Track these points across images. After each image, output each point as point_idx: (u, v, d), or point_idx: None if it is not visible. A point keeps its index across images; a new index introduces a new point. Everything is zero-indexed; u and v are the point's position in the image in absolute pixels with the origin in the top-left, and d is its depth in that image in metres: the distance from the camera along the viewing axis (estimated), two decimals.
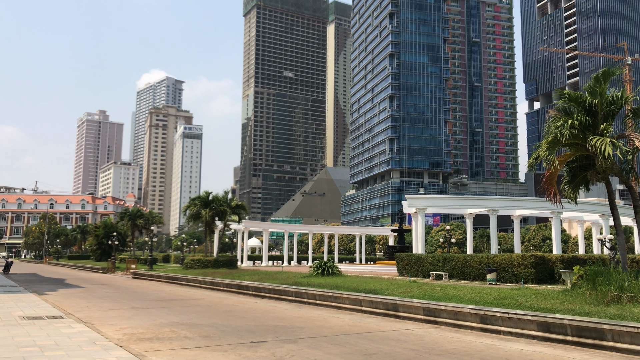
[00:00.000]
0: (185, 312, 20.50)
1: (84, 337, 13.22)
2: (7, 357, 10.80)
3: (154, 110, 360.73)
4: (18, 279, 42.42)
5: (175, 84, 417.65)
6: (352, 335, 15.01)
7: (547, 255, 31.89)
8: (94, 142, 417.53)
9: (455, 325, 16.59)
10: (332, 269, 32.00)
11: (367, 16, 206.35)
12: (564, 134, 19.81)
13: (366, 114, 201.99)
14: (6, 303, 21.93)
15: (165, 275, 43.52)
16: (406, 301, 18.64)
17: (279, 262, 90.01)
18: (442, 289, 22.01)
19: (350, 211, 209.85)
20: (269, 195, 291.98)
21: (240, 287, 30.49)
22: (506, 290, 21.00)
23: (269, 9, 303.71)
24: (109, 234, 79.83)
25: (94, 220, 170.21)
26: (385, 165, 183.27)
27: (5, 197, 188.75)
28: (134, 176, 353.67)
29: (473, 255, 35.18)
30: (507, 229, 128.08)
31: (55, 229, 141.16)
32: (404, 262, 38.24)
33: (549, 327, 13.99)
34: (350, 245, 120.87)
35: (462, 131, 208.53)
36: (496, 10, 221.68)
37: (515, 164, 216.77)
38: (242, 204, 59.16)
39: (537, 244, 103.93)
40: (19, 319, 16.82)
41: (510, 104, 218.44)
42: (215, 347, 12.88)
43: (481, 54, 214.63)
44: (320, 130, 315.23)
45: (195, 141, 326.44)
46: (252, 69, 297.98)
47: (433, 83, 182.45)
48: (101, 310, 21.29)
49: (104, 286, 37.14)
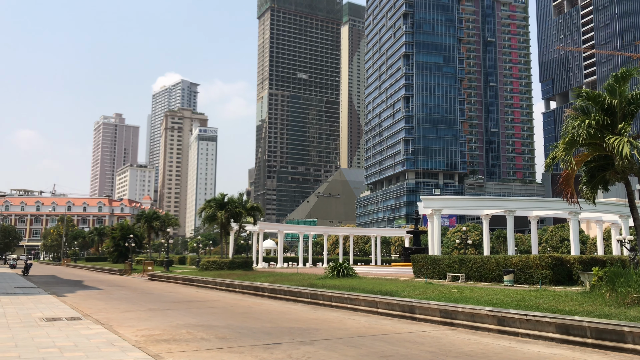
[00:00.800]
0: (202, 314, 20.60)
1: (102, 339, 13.35)
2: (28, 357, 10.93)
3: (170, 113, 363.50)
4: (37, 281, 42.97)
5: (190, 86, 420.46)
6: (368, 337, 14.97)
7: (565, 257, 31.51)
8: (110, 145, 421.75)
9: (472, 327, 16.47)
10: (347, 270, 31.91)
11: (381, 17, 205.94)
12: (581, 134, 19.57)
13: (381, 114, 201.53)
14: (26, 304, 22.23)
15: (182, 277, 43.78)
16: (422, 303, 18.54)
17: (294, 264, 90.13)
18: (458, 291, 21.86)
19: (365, 212, 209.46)
20: (284, 197, 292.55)
21: (256, 288, 30.56)
22: (524, 292, 20.79)
23: (282, 11, 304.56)
24: (126, 236, 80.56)
25: (111, 222, 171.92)
26: (400, 166, 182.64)
27: (24, 199, 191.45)
28: (150, 178, 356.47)
29: (490, 256, 34.89)
30: (524, 230, 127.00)
31: (72, 231, 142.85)
32: (420, 264, 38.05)
33: (568, 329, 13.82)
34: (366, 247, 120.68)
35: (478, 131, 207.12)
36: (511, 9, 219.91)
37: (531, 164, 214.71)
38: (257, 205, 59.34)
39: (555, 245, 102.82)
40: (38, 320, 17.03)
41: (526, 103, 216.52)
42: (232, 349, 12.92)
43: (496, 54, 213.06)
44: (335, 131, 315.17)
45: (210, 143, 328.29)
46: (266, 71, 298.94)
47: (448, 83, 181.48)
48: (118, 311, 21.47)
49: (121, 288, 37.46)
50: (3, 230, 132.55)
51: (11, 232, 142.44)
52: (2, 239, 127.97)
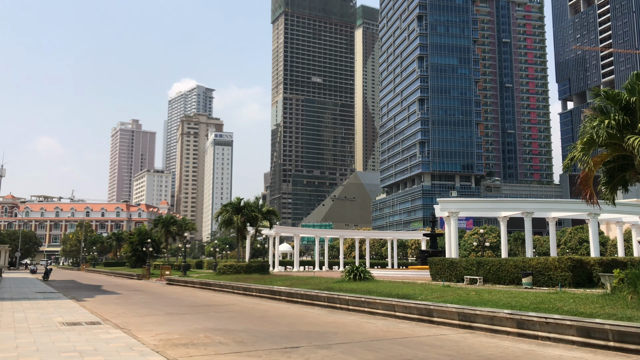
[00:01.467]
0: (219, 318, 20.67)
1: (122, 343, 13.46)
2: None
3: (186, 119, 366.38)
4: (57, 286, 43.48)
5: (205, 92, 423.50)
6: (386, 341, 14.90)
7: (584, 258, 31.10)
8: (127, 151, 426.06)
9: (491, 330, 16.32)
10: (364, 274, 31.82)
11: (395, 19, 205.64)
12: (600, 134, 19.29)
13: (395, 117, 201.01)
14: (47, 309, 22.51)
15: (199, 281, 44.00)
16: (440, 306, 18.42)
17: (310, 267, 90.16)
18: (476, 294, 21.69)
19: (380, 215, 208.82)
20: (299, 201, 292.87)
21: (273, 292, 30.60)
22: (543, 295, 20.56)
23: (296, 15, 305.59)
24: (144, 240, 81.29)
25: (129, 227, 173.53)
26: (416, 168, 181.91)
27: (44, 205, 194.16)
28: (167, 183, 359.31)
29: (508, 258, 34.57)
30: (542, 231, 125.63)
31: (91, 236, 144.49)
32: (437, 267, 37.83)
33: (589, 332, 13.63)
34: (382, 250, 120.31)
35: (494, 133, 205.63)
36: (526, 9, 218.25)
37: (549, 165, 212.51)
38: (273, 209, 59.48)
39: (574, 247, 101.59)
40: (59, 324, 17.23)
41: (542, 104, 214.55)
42: (250, 353, 12.94)
43: (512, 54, 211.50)
44: (350, 134, 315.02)
45: (226, 148, 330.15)
46: (281, 75, 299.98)
47: (463, 85, 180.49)
48: (137, 316, 21.63)
49: (139, 292, 37.74)
50: (24, 236, 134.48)
51: (31, 238, 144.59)
52: (22, 244, 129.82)
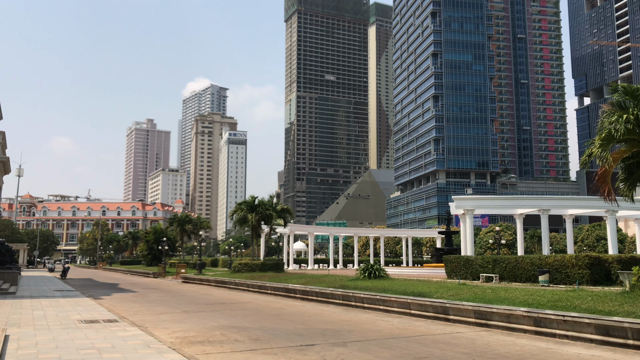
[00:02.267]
0: (235, 316, 20.76)
1: (139, 340, 13.57)
2: (69, 358, 11.19)
3: (200, 118, 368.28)
4: (74, 284, 44.00)
5: (219, 91, 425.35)
6: (401, 339, 14.86)
7: (602, 256, 30.72)
8: (142, 150, 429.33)
9: (507, 328, 16.20)
10: (378, 272, 31.77)
11: (409, 16, 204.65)
12: (618, 130, 19.05)
13: (410, 114, 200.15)
14: (65, 307, 22.78)
15: (214, 279, 44.23)
16: (456, 304, 18.33)
17: (325, 265, 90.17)
18: (492, 291, 21.54)
19: (395, 213, 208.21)
20: (313, 199, 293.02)
21: (288, 290, 30.66)
22: (560, 292, 20.36)
23: (309, 13, 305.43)
24: (159, 239, 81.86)
25: (144, 226, 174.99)
26: (431, 166, 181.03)
27: (61, 205, 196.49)
28: (182, 182, 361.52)
29: (524, 256, 34.28)
30: (558, 229, 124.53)
31: (107, 235, 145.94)
32: (453, 265, 37.64)
33: (608, 330, 13.47)
34: (396, 248, 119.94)
35: (510, 129, 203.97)
36: (542, 4, 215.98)
37: (565, 162, 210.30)
38: (287, 207, 59.57)
39: (591, 244, 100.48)
40: (77, 322, 17.43)
41: (558, 100, 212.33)
42: (265, 350, 12.98)
43: (527, 50, 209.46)
44: (363, 132, 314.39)
45: (240, 147, 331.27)
46: (294, 73, 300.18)
47: (478, 81, 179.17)
48: (154, 314, 21.80)
49: (156, 290, 38.04)
50: (42, 235, 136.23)
51: (49, 236, 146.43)
52: (40, 243, 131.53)
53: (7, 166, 49.52)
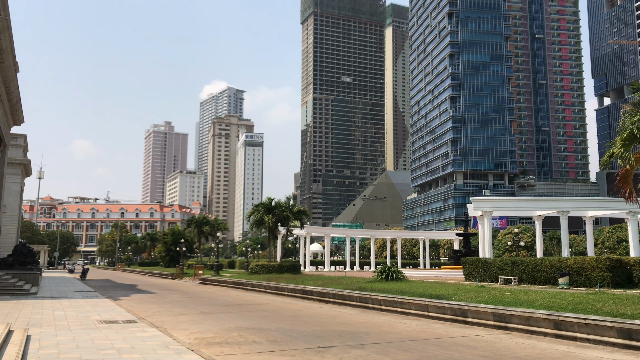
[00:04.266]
0: (252, 317, 20.81)
1: (157, 341, 13.67)
2: (89, 358, 11.32)
3: (217, 120, 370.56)
4: (94, 285, 44.49)
5: (236, 93, 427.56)
6: (419, 342, 14.76)
7: (624, 258, 30.25)
8: (160, 152, 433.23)
9: (527, 331, 16.02)
10: (396, 274, 31.64)
11: (425, 17, 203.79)
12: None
13: (426, 115, 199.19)
14: (85, 308, 23.04)
15: (231, 281, 44.40)
16: (475, 306, 18.17)
17: (341, 267, 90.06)
18: (512, 294, 21.32)
19: (412, 215, 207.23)
20: (330, 201, 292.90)
21: (305, 292, 30.66)
22: (581, 295, 20.08)
23: (325, 15, 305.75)
24: (177, 240, 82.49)
25: (162, 227, 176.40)
26: (448, 167, 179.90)
27: (80, 207, 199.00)
28: (199, 184, 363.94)
29: (543, 258, 33.88)
30: (578, 231, 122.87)
31: (126, 236, 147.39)
32: (471, 267, 37.33)
33: (631, 334, 13.24)
34: (414, 250, 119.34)
35: (528, 130, 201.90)
36: (560, 4, 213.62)
37: (585, 163, 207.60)
38: (304, 209, 59.62)
39: (612, 247, 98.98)
40: (97, 323, 17.62)
41: (578, 100, 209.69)
42: (283, 352, 12.99)
43: (545, 50, 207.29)
44: (380, 134, 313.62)
45: (257, 149, 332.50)
46: (310, 75, 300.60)
47: (495, 82, 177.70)
48: (172, 315, 21.94)
49: (174, 292, 38.29)
50: (62, 237, 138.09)
51: (69, 238, 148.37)
52: (61, 244, 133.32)
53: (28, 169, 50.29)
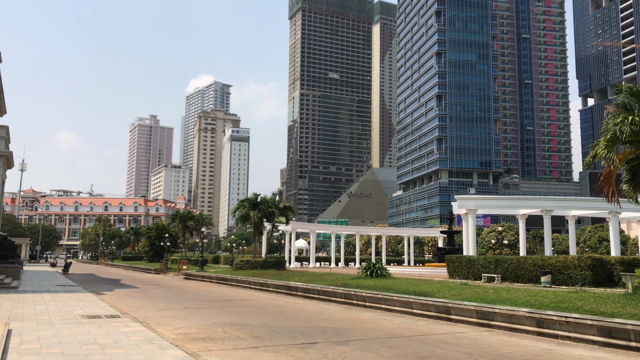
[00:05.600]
0: (237, 313, 20.78)
1: (141, 336, 13.59)
2: (71, 353, 11.22)
3: (203, 114, 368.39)
4: (77, 279, 44.10)
5: (222, 88, 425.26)
6: (403, 338, 14.85)
7: (605, 257, 30.67)
8: (145, 146, 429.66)
9: (509, 328, 16.19)
10: (380, 270, 31.75)
11: (413, 15, 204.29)
12: (623, 131, 18.97)
13: (413, 113, 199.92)
14: (67, 302, 22.83)
15: (216, 276, 44.28)
16: (458, 304, 18.31)
17: (326, 264, 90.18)
18: (495, 292, 21.52)
19: (397, 212, 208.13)
20: (315, 197, 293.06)
21: (289, 288, 30.69)
22: (562, 294, 20.32)
23: (314, 11, 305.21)
24: (161, 235, 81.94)
25: (146, 222, 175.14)
26: (433, 165, 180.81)
27: (64, 200, 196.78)
28: (184, 179, 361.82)
29: (526, 257, 34.23)
30: (560, 229, 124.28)
31: (109, 230, 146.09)
32: (455, 264, 37.60)
33: (611, 332, 13.45)
34: (398, 247, 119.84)
35: (513, 129, 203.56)
36: (547, 5, 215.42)
37: (568, 162, 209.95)
38: (289, 205, 59.52)
39: (593, 246, 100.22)
40: (79, 317, 17.46)
41: (562, 101, 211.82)
42: (267, 348, 12.99)
43: (531, 50, 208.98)
44: (366, 130, 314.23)
45: (243, 144, 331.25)
46: (298, 71, 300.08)
47: (482, 81, 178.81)
48: (156, 310, 21.84)
49: (157, 287, 38.10)
50: (44, 230, 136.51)
51: (51, 231, 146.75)
52: (43, 238, 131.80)
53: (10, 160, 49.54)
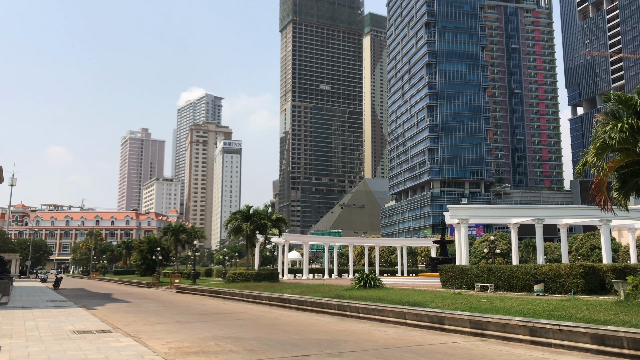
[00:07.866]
0: (230, 326, 20.62)
1: (133, 351, 13.43)
2: None
3: (194, 127, 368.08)
4: (67, 294, 43.65)
5: (214, 100, 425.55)
6: (397, 349, 14.78)
7: (597, 265, 30.80)
8: (137, 159, 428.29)
9: (503, 337, 16.16)
10: (374, 281, 31.67)
11: (403, 26, 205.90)
12: (613, 139, 19.13)
13: (404, 124, 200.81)
14: (57, 317, 22.57)
15: (208, 289, 43.98)
16: (452, 314, 18.28)
17: (320, 275, 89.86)
18: (488, 301, 21.51)
19: (390, 223, 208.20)
20: (308, 208, 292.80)
21: (282, 300, 30.52)
22: (555, 302, 20.34)
23: (304, 23, 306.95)
24: (153, 249, 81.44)
25: (138, 235, 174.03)
26: (425, 175, 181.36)
27: (54, 214, 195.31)
28: (176, 192, 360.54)
29: (519, 265, 34.30)
30: (552, 238, 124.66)
31: (101, 244, 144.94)
32: (448, 274, 37.59)
33: (604, 339, 13.45)
34: (391, 258, 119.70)
35: (504, 139, 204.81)
36: (535, 15, 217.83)
37: (559, 171, 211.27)
38: (282, 217, 59.29)
39: (585, 254, 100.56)
40: (70, 333, 17.25)
41: (552, 110, 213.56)
42: None
43: (521, 61, 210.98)
44: (358, 142, 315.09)
45: (235, 156, 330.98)
46: (289, 83, 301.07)
47: (472, 91, 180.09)
48: (147, 324, 21.62)
49: (149, 300, 37.78)
50: (34, 245, 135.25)
51: (42, 246, 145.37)
52: (33, 253, 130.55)
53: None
